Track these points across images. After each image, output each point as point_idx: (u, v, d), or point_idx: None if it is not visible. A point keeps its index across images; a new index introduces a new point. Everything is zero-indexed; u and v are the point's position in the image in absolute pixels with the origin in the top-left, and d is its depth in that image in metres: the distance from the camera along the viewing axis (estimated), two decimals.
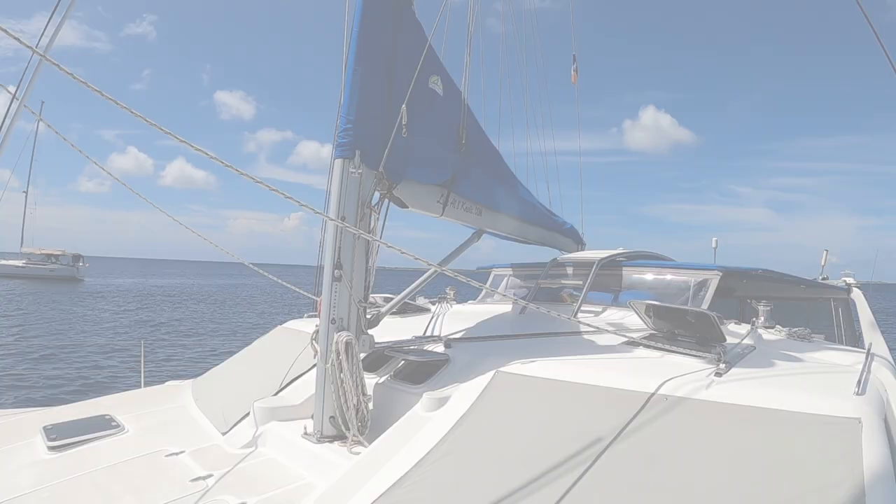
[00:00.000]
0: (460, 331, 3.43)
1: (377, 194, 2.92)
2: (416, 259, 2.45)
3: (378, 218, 2.93)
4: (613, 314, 3.79)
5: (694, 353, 2.49)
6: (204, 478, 2.36)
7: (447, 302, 4.73)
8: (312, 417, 2.69)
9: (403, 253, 2.46)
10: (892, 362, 3.29)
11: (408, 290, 3.51)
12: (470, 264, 5.77)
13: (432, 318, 3.95)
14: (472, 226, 3.95)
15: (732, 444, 1.89)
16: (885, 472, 1.71)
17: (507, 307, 4.32)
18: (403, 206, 3.16)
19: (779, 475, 1.76)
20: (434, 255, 3.74)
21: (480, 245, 4.05)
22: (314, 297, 2.82)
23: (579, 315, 3.70)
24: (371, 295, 3.77)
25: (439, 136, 3.38)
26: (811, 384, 2.24)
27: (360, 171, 2.71)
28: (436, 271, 3.10)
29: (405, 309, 4.34)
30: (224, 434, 2.87)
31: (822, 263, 6.26)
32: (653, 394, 2.09)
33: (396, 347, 3.02)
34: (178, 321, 25.02)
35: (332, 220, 2.60)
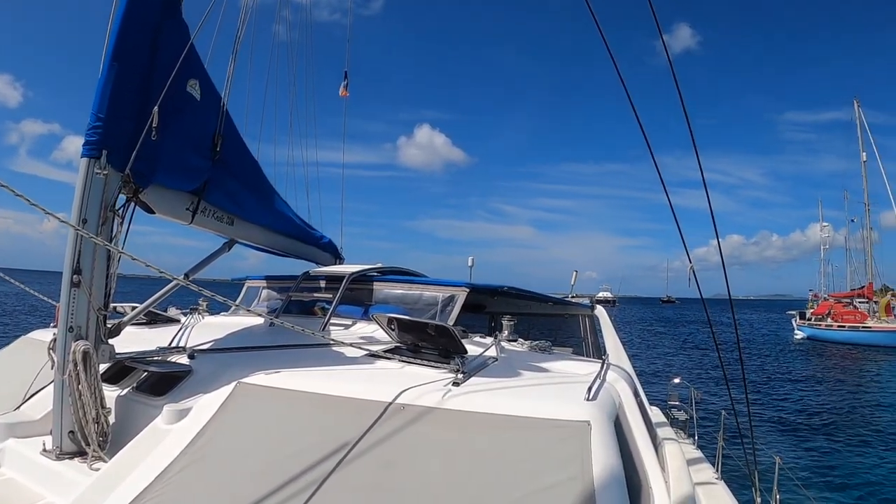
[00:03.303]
0: (208, 342, 3.66)
1: (123, 197, 3.08)
2: (148, 266, 2.65)
3: (122, 222, 3.09)
4: (363, 328, 4.27)
5: (434, 364, 2.86)
6: None
7: (199, 313, 4.90)
8: (52, 433, 2.76)
9: (135, 260, 2.69)
10: (629, 371, 4.18)
11: (150, 300, 3.67)
12: (226, 274, 5.98)
13: (181, 329, 4.11)
14: (223, 235, 4.26)
15: (466, 449, 2.19)
16: (613, 469, 2.04)
17: (259, 319, 4.65)
18: (150, 211, 3.35)
19: (511, 476, 2.03)
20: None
21: (249, 255, 4.33)
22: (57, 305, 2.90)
23: (328, 328, 4.14)
24: (121, 304, 3.85)
25: (192, 141, 3.64)
26: (545, 392, 2.62)
27: (105, 171, 2.85)
28: (179, 283, 3.29)
29: (155, 319, 4.44)
30: None
31: (572, 282, 7.65)
32: (390, 403, 2.37)
33: (138, 358, 3.16)
34: None
35: (64, 221, 2.63)
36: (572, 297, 7.20)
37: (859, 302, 46.18)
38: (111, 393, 3.04)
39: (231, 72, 4.03)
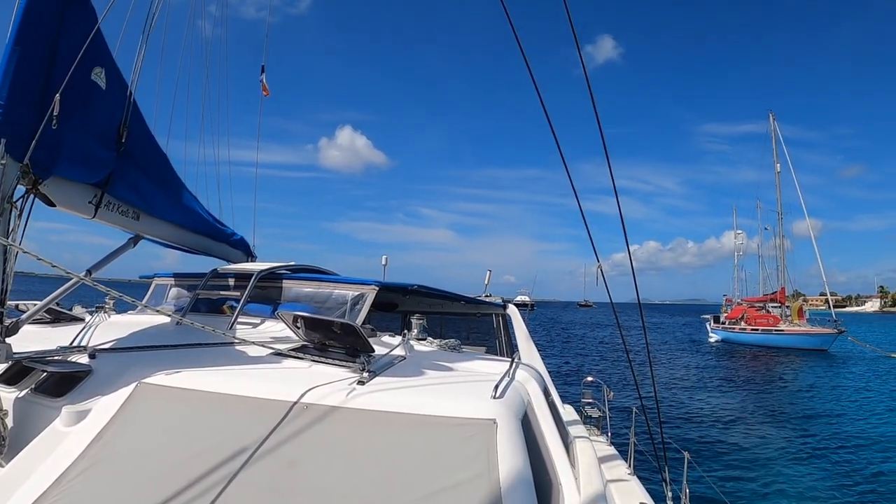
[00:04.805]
0: (110, 341, 3.63)
1: (22, 189, 3.06)
2: (40, 259, 2.62)
3: (21, 215, 3.06)
4: (271, 326, 4.28)
5: (341, 363, 2.89)
6: None
7: (105, 311, 4.82)
8: None
9: (25, 253, 2.69)
10: (539, 369, 4.34)
11: (49, 297, 3.62)
12: (139, 273, 5.88)
13: (84, 328, 4.04)
14: (128, 230, 4.26)
15: (370, 448, 2.24)
16: (520, 467, 2.11)
17: (165, 318, 4.63)
18: (51, 204, 3.34)
19: (415, 475, 2.09)
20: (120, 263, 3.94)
21: (166, 254, 4.29)
22: None
23: (236, 327, 4.17)
24: (23, 302, 3.76)
25: (96, 131, 3.63)
26: (452, 390, 2.67)
27: (2, 161, 2.83)
28: (80, 281, 3.27)
29: (59, 318, 4.34)
30: None
31: (486, 282, 7.89)
32: (294, 402, 2.41)
33: (36, 358, 3.12)
34: None
35: None
36: (486, 296, 7.40)
37: (772, 306, 49.43)
38: (9, 395, 2.98)
39: (140, 61, 4.03)
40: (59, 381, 3.05)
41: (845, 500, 10.30)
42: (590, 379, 8.27)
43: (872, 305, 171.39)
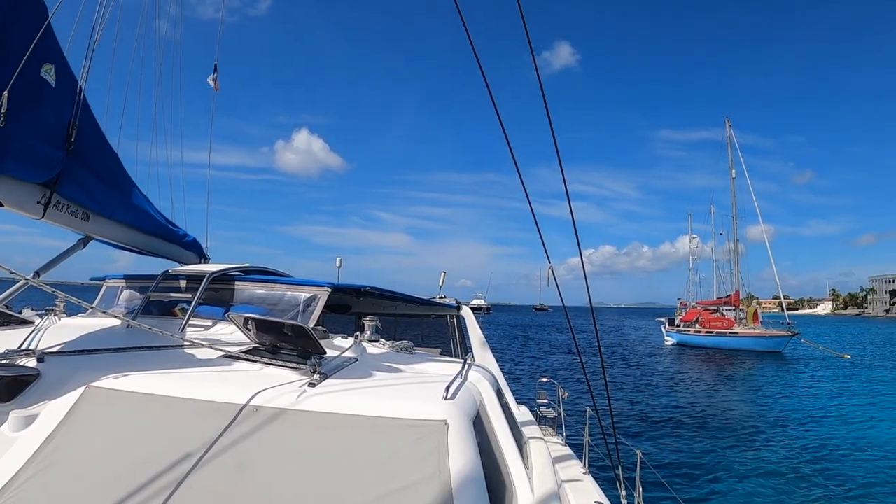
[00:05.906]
0: (60, 344, 3.60)
1: None
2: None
3: None
4: (223, 328, 4.28)
5: (292, 365, 2.90)
6: None
7: (55, 314, 4.74)
8: None
9: None
10: (492, 370, 4.40)
11: None
12: (91, 275, 5.80)
13: (34, 331, 3.99)
14: (77, 231, 4.23)
15: (320, 450, 2.27)
16: (471, 468, 2.16)
17: (116, 320, 4.59)
18: None
19: (366, 477, 2.12)
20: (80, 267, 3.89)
21: (119, 256, 4.26)
22: None
23: (187, 329, 4.10)
24: None
25: (44, 129, 3.61)
26: (403, 392, 2.69)
27: None
28: (27, 283, 3.25)
29: (8, 321, 4.26)
30: None
31: (441, 284, 7.97)
32: (244, 405, 2.41)
33: None
34: None
35: None
36: (440, 298, 7.45)
37: (726, 309, 50.88)
38: None
39: (90, 59, 4.02)
40: (7, 386, 2.97)
41: (793, 494, 10.75)
42: (544, 379, 8.40)
43: (825, 308, 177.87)
